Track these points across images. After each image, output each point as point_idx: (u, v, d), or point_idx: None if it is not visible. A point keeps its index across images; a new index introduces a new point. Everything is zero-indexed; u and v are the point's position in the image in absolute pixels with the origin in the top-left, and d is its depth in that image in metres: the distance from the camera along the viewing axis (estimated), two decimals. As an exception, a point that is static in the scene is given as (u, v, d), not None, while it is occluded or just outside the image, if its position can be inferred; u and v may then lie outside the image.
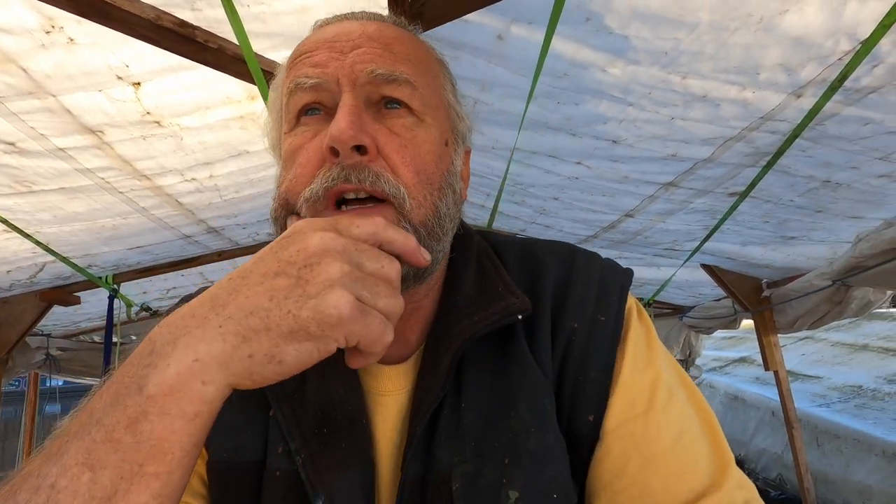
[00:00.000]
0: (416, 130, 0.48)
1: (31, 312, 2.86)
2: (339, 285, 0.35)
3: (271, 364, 0.34)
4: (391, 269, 0.38)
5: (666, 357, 0.54)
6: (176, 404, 0.32)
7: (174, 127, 1.54)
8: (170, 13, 1.13)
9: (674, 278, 3.17)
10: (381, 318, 0.36)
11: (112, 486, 0.30)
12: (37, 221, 1.93)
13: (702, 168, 1.75)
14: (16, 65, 1.17)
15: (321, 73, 0.47)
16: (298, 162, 0.47)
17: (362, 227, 0.39)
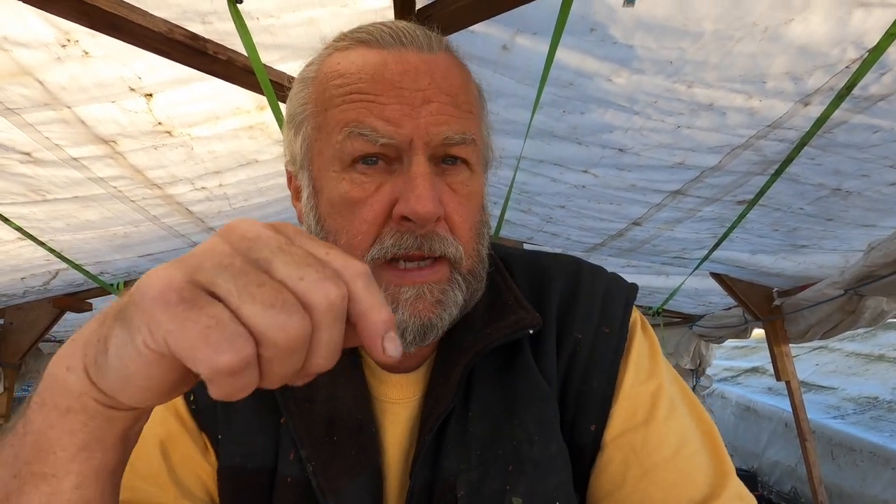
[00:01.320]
0: (470, 184, 0.49)
1: (44, 319, 2.90)
2: (180, 261, 0.26)
3: (103, 352, 0.27)
4: (318, 288, 0.26)
5: (668, 370, 0.54)
6: (50, 394, 0.29)
7: (185, 137, 1.57)
8: (182, 26, 1.15)
9: (683, 287, 3.14)
10: (220, 324, 0.24)
11: (7, 486, 0.29)
12: (51, 229, 1.97)
13: (709, 176, 1.75)
14: (32, 77, 1.20)
15: (394, 133, 0.45)
16: (361, 217, 0.46)
17: (325, 247, 0.29)
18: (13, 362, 2.92)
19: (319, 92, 0.50)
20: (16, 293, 2.62)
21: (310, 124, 0.50)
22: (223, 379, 0.24)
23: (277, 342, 0.25)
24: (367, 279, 0.28)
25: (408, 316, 0.45)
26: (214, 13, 1.14)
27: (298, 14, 1.20)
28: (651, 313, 3.90)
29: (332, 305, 0.26)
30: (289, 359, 0.26)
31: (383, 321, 0.27)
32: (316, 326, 0.26)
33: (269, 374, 0.26)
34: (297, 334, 0.25)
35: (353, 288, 0.27)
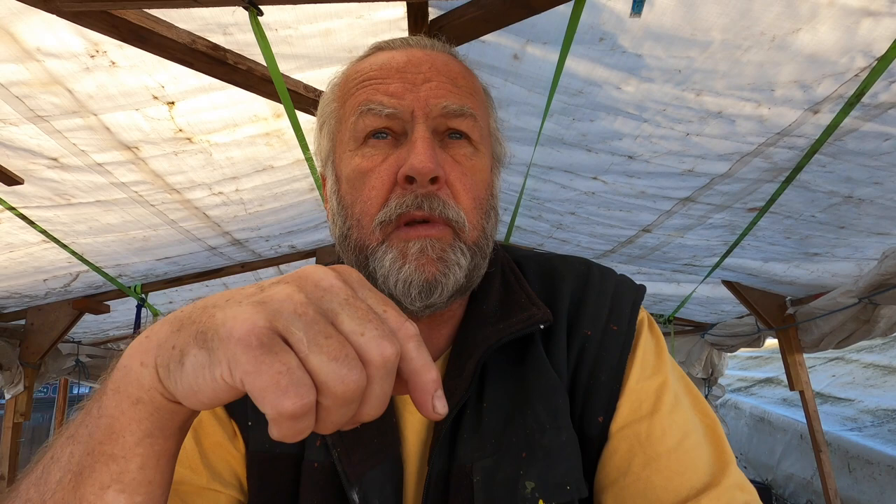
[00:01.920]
0: (474, 159, 0.54)
1: (63, 320, 2.97)
2: (261, 303, 0.28)
3: (177, 362, 0.29)
4: (376, 346, 0.28)
5: (674, 367, 0.56)
6: (124, 383, 0.32)
7: (204, 143, 1.62)
8: (204, 38, 1.20)
9: (694, 294, 3.12)
10: (290, 372, 0.26)
11: (80, 462, 0.32)
12: (73, 232, 2.03)
13: (719, 183, 1.75)
14: (62, 86, 1.25)
15: (397, 104, 0.51)
16: (370, 185, 0.51)
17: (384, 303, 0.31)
18: (33, 362, 2.99)
19: (341, 90, 0.57)
20: (38, 294, 2.70)
21: (333, 118, 0.57)
22: (284, 421, 0.26)
23: (336, 393, 0.27)
24: (418, 340, 0.31)
25: (413, 270, 0.49)
26: (235, 25, 1.19)
27: (316, 25, 1.24)
28: (662, 321, 3.87)
29: (385, 362, 0.28)
30: (345, 408, 0.28)
31: (433, 380, 0.30)
32: (370, 380, 0.28)
33: (325, 420, 0.28)
34: (356, 387, 0.27)
35: (406, 347, 0.30)
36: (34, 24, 1.08)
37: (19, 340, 2.92)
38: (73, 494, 0.31)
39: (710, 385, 4.26)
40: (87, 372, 3.77)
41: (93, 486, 0.31)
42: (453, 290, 0.51)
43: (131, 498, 0.31)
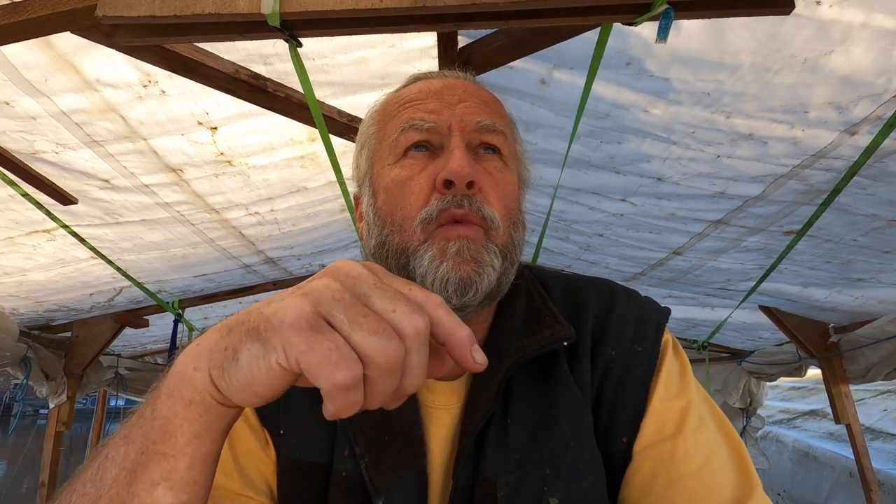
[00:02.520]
0: (504, 173, 0.58)
1: (106, 333, 3.11)
2: (305, 294, 0.32)
3: (231, 360, 0.32)
4: (407, 319, 0.31)
5: (699, 389, 0.56)
6: (178, 387, 0.34)
7: (243, 166, 1.70)
8: (246, 67, 1.28)
9: (730, 320, 3.02)
10: (339, 348, 0.30)
11: (135, 460, 0.34)
12: (119, 249, 2.14)
13: (752, 206, 1.72)
14: (117, 113, 1.35)
15: (436, 119, 0.56)
16: (410, 191, 0.54)
17: (407, 284, 0.34)
18: (76, 373, 3.12)
19: (382, 114, 0.62)
20: (83, 308, 2.84)
21: (373, 139, 0.61)
22: (339, 394, 0.29)
23: (380, 363, 0.30)
24: (445, 307, 0.34)
25: (450, 268, 0.51)
26: (276, 55, 1.26)
27: (350, 55, 1.31)
28: (696, 347, 3.75)
29: (418, 332, 0.31)
30: (388, 378, 0.31)
31: (468, 335, 0.33)
32: (408, 351, 0.31)
33: (372, 393, 0.31)
34: (396, 356, 0.30)
35: (435, 315, 0.33)
36: (95, 58, 1.18)
37: (64, 352, 3.06)
38: (126, 490, 0.34)
39: (748, 416, 4.07)
40: (125, 384, 3.90)
41: (144, 482, 0.33)
42: (486, 290, 0.52)
43: (178, 496, 0.33)
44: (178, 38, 0.94)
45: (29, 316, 2.71)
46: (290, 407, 0.56)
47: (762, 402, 4.09)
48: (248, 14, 0.88)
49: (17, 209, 1.68)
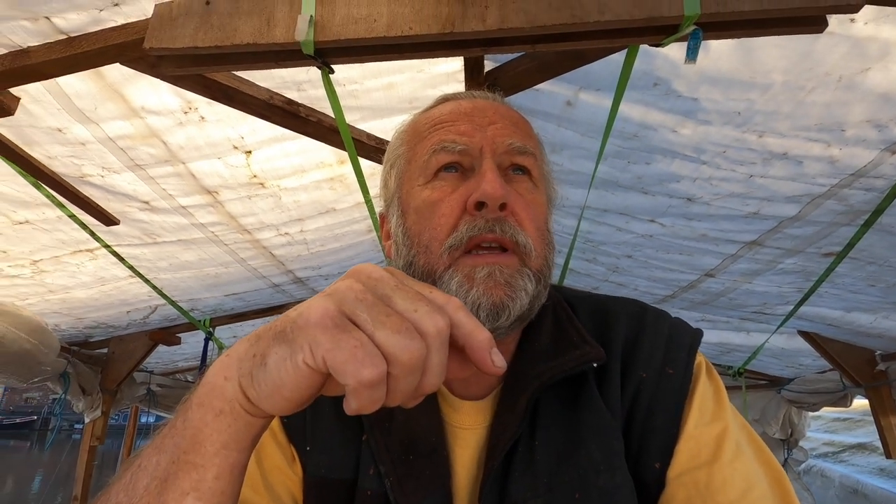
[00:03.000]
0: (534, 193, 0.58)
1: (140, 350, 3.20)
2: (329, 295, 0.33)
3: (260, 366, 0.33)
4: (429, 319, 0.32)
5: (735, 415, 0.54)
6: (208, 396, 0.35)
7: (275, 188, 1.75)
8: (281, 94, 1.33)
9: (767, 345, 2.90)
10: (364, 346, 0.30)
11: (166, 469, 0.35)
12: (155, 268, 2.22)
13: (788, 227, 1.66)
14: (159, 139, 1.42)
15: (468, 141, 0.56)
16: (440, 213, 0.54)
17: (428, 288, 0.35)
18: (111, 388, 3.21)
19: (412, 134, 0.63)
20: (120, 325, 2.93)
21: (403, 159, 0.61)
22: (363, 390, 0.30)
23: (403, 361, 0.30)
24: (464, 309, 0.34)
25: (481, 293, 0.50)
26: (308, 81, 1.31)
27: (380, 80, 1.35)
28: (731, 374, 3.60)
29: (439, 332, 0.32)
30: (410, 376, 0.31)
31: (487, 338, 0.34)
32: (429, 350, 0.32)
33: (394, 390, 0.31)
34: (418, 354, 0.31)
35: (455, 317, 0.33)
36: (141, 87, 1.25)
37: (101, 368, 3.16)
38: (157, 499, 0.34)
39: (789, 447, 3.86)
40: (156, 401, 3.98)
41: (174, 492, 0.34)
42: (519, 314, 0.52)
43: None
44: (218, 67, 0.99)
45: (69, 332, 2.82)
46: (316, 423, 0.57)
47: (804, 434, 3.87)
48: (284, 43, 0.92)
49: (64, 230, 1.76)
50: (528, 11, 0.87)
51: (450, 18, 0.89)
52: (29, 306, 2.25)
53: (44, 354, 2.33)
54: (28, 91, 1.19)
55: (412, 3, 0.91)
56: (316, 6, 0.92)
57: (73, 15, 0.98)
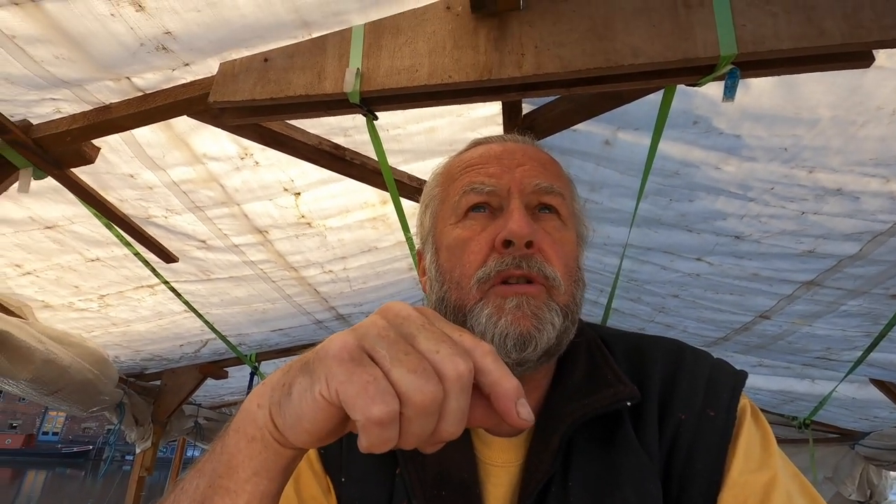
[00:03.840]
0: (562, 232, 0.59)
1: (190, 383, 3.32)
2: (353, 330, 0.33)
3: (286, 395, 0.33)
4: (449, 361, 0.31)
5: (786, 464, 0.51)
6: (243, 423, 0.36)
7: (321, 227, 1.83)
8: (328, 139, 1.42)
9: (835, 395, 2.67)
10: (377, 381, 0.30)
11: (203, 493, 0.36)
12: (208, 304, 2.33)
13: (849, 266, 1.57)
14: (217, 182, 1.53)
15: (496, 183, 0.58)
16: (470, 250, 0.56)
17: (458, 330, 0.34)
18: (162, 420, 3.33)
19: (446, 176, 0.65)
20: (173, 358, 3.07)
21: (437, 199, 0.65)
22: (373, 428, 0.29)
23: (416, 402, 0.30)
24: (494, 355, 0.33)
25: (509, 322, 0.51)
26: (354, 127, 1.39)
27: (421, 125, 1.41)
28: (796, 425, 3.32)
29: (460, 376, 0.31)
30: (424, 418, 0.30)
31: (514, 387, 0.32)
32: (447, 394, 0.30)
33: (407, 432, 0.30)
34: (432, 397, 0.30)
35: (482, 363, 0.32)
36: (204, 136, 1.36)
37: (153, 399, 3.30)
38: None
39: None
40: (203, 434, 4.08)
41: None
42: (546, 346, 0.52)
43: None
44: (273, 116, 1.07)
45: (127, 363, 2.97)
46: (351, 455, 0.58)
47: (887, 496, 3.48)
48: (333, 94, 0.99)
49: (129, 266, 1.90)
50: (563, 57, 0.91)
51: (487, 66, 0.94)
52: (94, 338, 2.41)
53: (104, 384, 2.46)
54: (107, 141, 1.32)
55: (452, 54, 0.96)
56: (362, 60, 0.99)
57: (149, 74, 1.10)
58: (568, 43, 0.91)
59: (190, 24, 0.97)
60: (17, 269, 1.77)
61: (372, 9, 1.01)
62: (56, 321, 2.16)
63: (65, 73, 1.06)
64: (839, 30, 0.81)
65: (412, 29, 1.00)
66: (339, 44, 1.02)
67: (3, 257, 1.70)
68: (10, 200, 1.46)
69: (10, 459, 28.70)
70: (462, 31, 0.97)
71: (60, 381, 2.02)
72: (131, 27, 0.96)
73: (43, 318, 2.10)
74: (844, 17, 0.81)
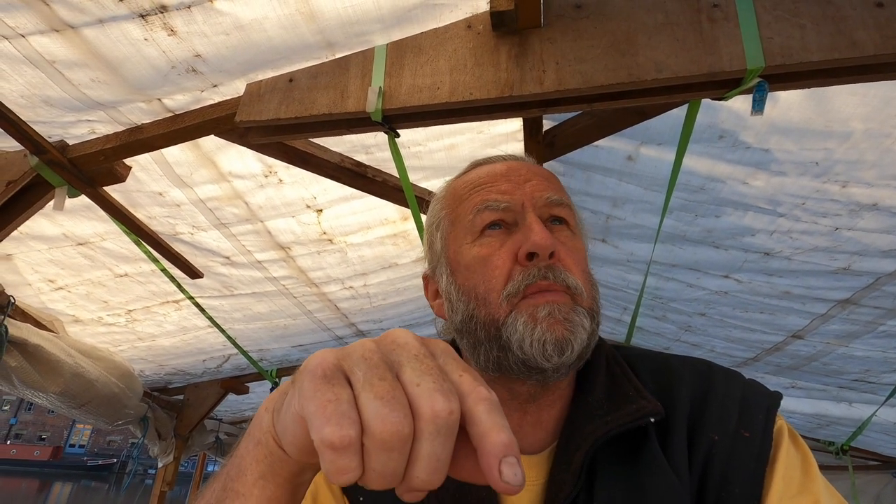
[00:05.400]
0: (574, 240, 0.61)
1: (212, 398, 3.35)
2: (339, 349, 0.31)
3: (281, 404, 0.33)
4: (427, 397, 0.27)
5: (828, 489, 0.48)
6: (253, 427, 0.36)
7: (342, 243, 1.85)
8: (350, 157, 1.43)
9: (875, 419, 2.54)
10: (338, 402, 0.27)
11: (218, 496, 0.36)
12: (231, 319, 2.36)
13: (888, 284, 1.50)
14: (242, 200, 1.56)
15: (510, 199, 0.59)
16: (492, 265, 0.57)
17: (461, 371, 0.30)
18: (184, 434, 3.36)
19: (451, 198, 0.66)
20: (196, 373, 3.11)
21: (446, 220, 0.65)
22: (326, 451, 0.26)
23: (374, 431, 0.26)
24: (489, 403, 0.29)
25: (545, 329, 0.52)
26: (376, 145, 1.41)
27: (441, 142, 1.42)
28: (833, 451, 3.17)
29: (435, 416, 0.27)
30: (385, 454, 0.27)
31: (503, 443, 0.27)
32: (418, 434, 0.27)
33: (369, 468, 0.27)
34: (394, 430, 0.26)
35: (473, 409, 0.28)
36: (230, 154, 1.39)
37: (176, 413, 3.33)
38: None
39: (916, 545, 3.26)
40: (223, 449, 4.11)
41: None
42: (579, 350, 0.53)
43: None
44: (297, 135, 1.09)
45: (152, 378, 3.02)
46: None
47: (934, 529, 3.27)
48: (355, 112, 1.00)
49: (156, 282, 1.94)
50: (585, 73, 0.90)
51: (508, 83, 0.94)
52: (121, 352, 2.46)
53: (129, 398, 2.50)
54: (138, 161, 1.36)
55: (473, 71, 0.97)
56: (384, 78, 1.00)
57: (179, 96, 1.14)
58: (589, 59, 0.91)
59: (219, 46, 1.00)
60: (51, 283, 1.83)
61: (394, 29, 1.02)
62: (85, 335, 2.22)
63: (100, 96, 1.10)
64: (872, 40, 0.79)
65: (434, 48, 1.01)
66: (361, 63, 1.04)
67: (37, 273, 1.76)
68: (45, 218, 1.52)
69: (37, 471, 29.32)
70: (483, 49, 0.98)
71: (88, 394, 2.06)
72: (163, 51, 0.99)
73: (73, 332, 2.15)
74: (877, 28, 0.79)
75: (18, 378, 1.74)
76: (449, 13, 1.01)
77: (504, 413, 0.29)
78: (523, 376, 0.55)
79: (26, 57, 0.98)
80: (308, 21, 0.98)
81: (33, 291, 1.85)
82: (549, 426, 0.58)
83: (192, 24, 0.94)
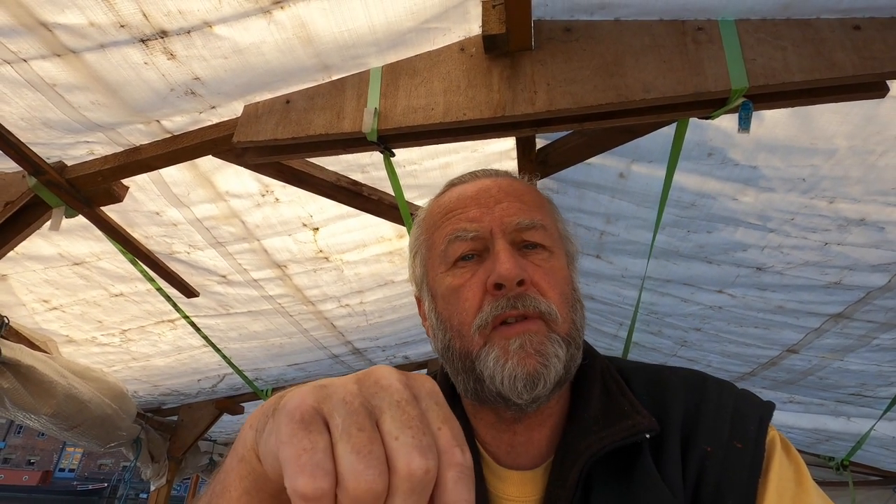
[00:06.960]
0: (551, 261, 0.59)
1: (206, 418, 3.30)
2: (321, 387, 0.30)
3: (263, 426, 0.33)
4: (404, 454, 0.26)
5: (822, 500, 0.48)
6: (237, 443, 0.36)
7: (338, 261, 1.86)
8: (346, 175, 1.45)
9: (874, 434, 2.53)
10: (314, 452, 0.26)
11: None
12: (226, 338, 2.35)
13: (879, 297, 1.52)
14: (238, 219, 1.57)
15: (478, 227, 0.59)
16: (464, 297, 0.57)
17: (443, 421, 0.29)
18: (177, 456, 3.30)
19: (427, 224, 0.66)
20: (190, 393, 3.07)
21: (424, 247, 0.65)
22: (298, 501, 0.26)
23: (348, 487, 0.25)
24: (461, 471, 0.28)
25: (516, 364, 0.52)
26: (371, 164, 1.43)
27: (436, 160, 1.44)
28: (833, 466, 3.14)
29: (410, 475, 0.26)
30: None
31: None
32: (392, 491, 0.26)
33: None
34: (368, 487, 0.25)
35: (444, 475, 0.27)
36: (227, 174, 1.41)
37: (170, 435, 3.28)
38: None
39: (920, 563, 3.22)
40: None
41: None
42: (555, 381, 0.52)
43: None
44: (294, 155, 1.11)
45: (146, 398, 2.98)
46: None
47: (938, 546, 3.24)
48: (351, 132, 1.02)
49: (151, 301, 1.94)
50: (575, 94, 0.93)
51: (501, 103, 0.96)
52: (115, 372, 2.43)
53: (122, 419, 2.47)
54: (136, 181, 1.38)
55: (466, 92, 0.99)
56: (380, 100, 1.03)
57: (178, 117, 1.16)
58: (579, 80, 0.93)
59: (217, 69, 1.02)
60: (45, 304, 1.82)
61: (389, 52, 1.05)
62: (79, 356, 2.20)
63: (99, 118, 1.12)
64: (850, 62, 0.82)
65: (428, 70, 1.04)
66: (357, 85, 1.07)
67: (32, 293, 1.76)
68: (41, 238, 1.52)
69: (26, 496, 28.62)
70: (476, 71, 1.00)
71: (80, 416, 2.04)
72: (163, 74, 1.01)
73: (67, 352, 2.14)
74: (855, 49, 0.82)
75: (10, 400, 1.72)
76: (442, 36, 1.04)
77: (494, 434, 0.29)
78: (501, 406, 0.55)
79: (28, 80, 1.00)
80: (305, 45, 1.00)
81: (27, 312, 1.84)
82: (541, 444, 0.58)
83: (191, 48, 0.97)
